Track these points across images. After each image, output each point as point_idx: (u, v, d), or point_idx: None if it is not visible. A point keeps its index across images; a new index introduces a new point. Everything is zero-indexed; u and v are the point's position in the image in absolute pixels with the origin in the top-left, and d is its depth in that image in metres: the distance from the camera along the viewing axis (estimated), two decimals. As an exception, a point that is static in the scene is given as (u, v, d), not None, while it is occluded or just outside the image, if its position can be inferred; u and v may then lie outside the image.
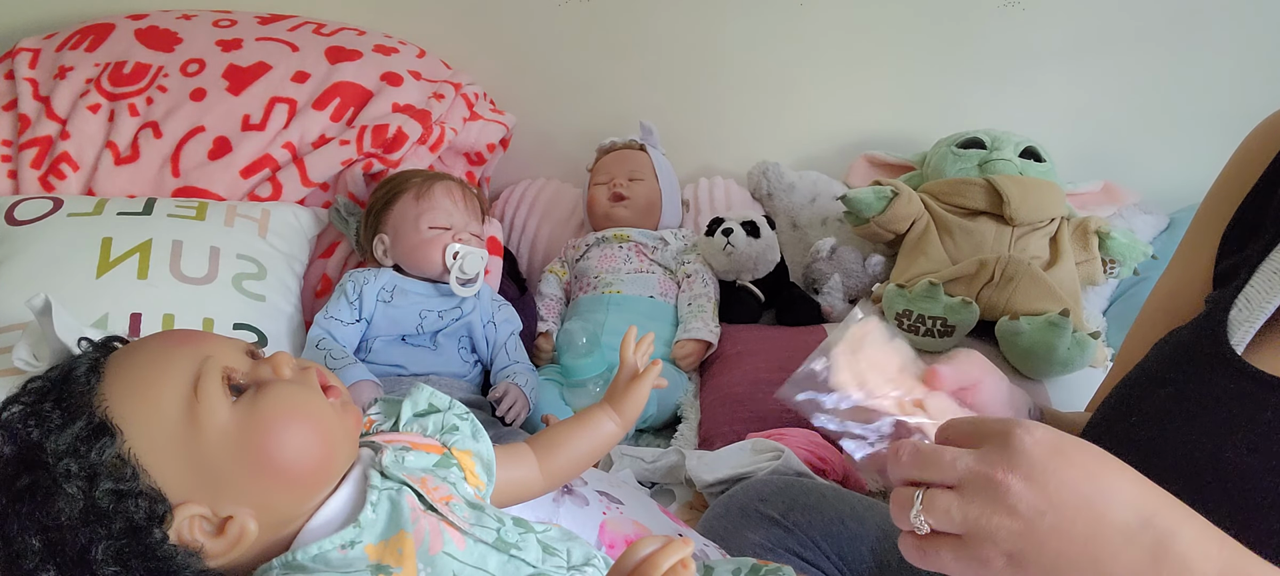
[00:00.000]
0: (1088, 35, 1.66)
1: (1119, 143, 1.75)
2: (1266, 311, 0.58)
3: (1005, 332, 1.33)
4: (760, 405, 1.27)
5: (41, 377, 0.55)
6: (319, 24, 1.59)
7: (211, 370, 0.55)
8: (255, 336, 1.23)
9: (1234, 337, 0.58)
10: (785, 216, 1.72)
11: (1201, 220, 0.72)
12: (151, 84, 1.44)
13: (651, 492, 1.14)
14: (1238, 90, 1.65)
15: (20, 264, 1.18)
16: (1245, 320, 0.58)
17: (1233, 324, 0.58)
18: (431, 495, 0.60)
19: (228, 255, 1.27)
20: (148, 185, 1.38)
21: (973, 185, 1.50)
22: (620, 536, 0.86)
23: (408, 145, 1.45)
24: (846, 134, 1.80)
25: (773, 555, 0.84)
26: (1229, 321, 0.59)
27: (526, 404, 1.28)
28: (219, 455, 0.54)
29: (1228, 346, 0.58)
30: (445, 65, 1.65)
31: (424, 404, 0.70)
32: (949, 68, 1.72)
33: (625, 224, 1.61)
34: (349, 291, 1.27)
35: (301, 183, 1.41)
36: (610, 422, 0.81)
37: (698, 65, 1.75)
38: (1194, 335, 0.62)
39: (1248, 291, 0.59)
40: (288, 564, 0.55)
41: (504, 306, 1.39)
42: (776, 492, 0.90)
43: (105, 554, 0.51)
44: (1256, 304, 0.58)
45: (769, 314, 1.57)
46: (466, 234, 1.32)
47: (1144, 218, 1.67)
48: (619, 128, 1.71)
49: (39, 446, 0.51)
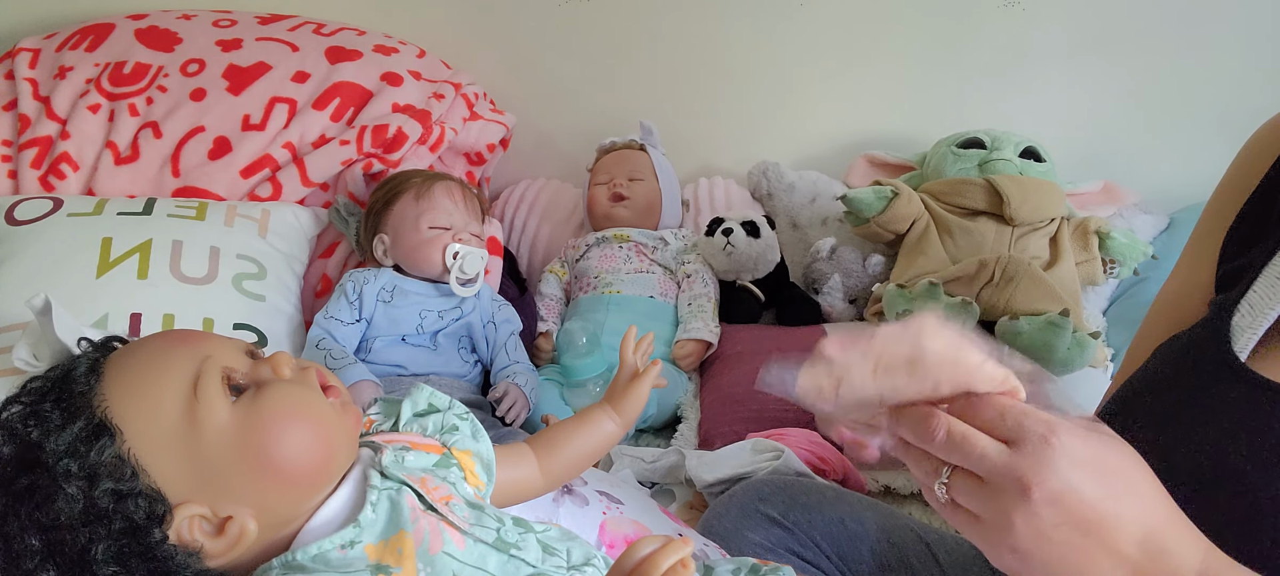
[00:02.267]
0: (1088, 35, 1.66)
1: (1119, 143, 1.75)
2: (1270, 317, 0.57)
3: (1005, 333, 1.33)
4: (760, 405, 1.27)
5: (41, 377, 0.55)
6: (319, 24, 1.59)
7: (211, 370, 0.55)
8: (255, 336, 1.23)
9: (1237, 344, 0.58)
10: (785, 216, 1.72)
11: (1204, 224, 0.72)
12: (151, 84, 1.44)
13: (651, 492, 1.14)
14: (1238, 90, 1.65)
15: (20, 264, 1.18)
16: (1249, 326, 0.58)
17: (1236, 330, 0.58)
18: (431, 495, 0.60)
19: (228, 255, 1.27)
20: (148, 185, 1.38)
21: (973, 185, 1.50)
22: (620, 536, 0.86)
23: (408, 145, 1.45)
24: (846, 134, 1.80)
25: (773, 555, 0.84)
26: (1232, 327, 0.58)
27: (526, 404, 1.28)
28: (219, 455, 0.54)
29: (1231, 352, 0.57)
30: (445, 65, 1.65)
31: (424, 404, 0.70)
32: (949, 68, 1.72)
33: (625, 224, 1.61)
34: (349, 291, 1.27)
35: (301, 183, 1.41)
36: (610, 422, 0.81)
37: (698, 65, 1.75)
38: (1196, 341, 0.62)
39: (1250, 297, 0.59)
40: (287, 564, 0.55)
41: (504, 306, 1.39)
42: (776, 492, 0.90)
43: (105, 554, 0.51)
44: (1260, 309, 0.58)
45: (769, 314, 1.57)
46: (466, 234, 1.32)
47: (1144, 218, 1.67)
48: (619, 128, 1.71)
49: (39, 446, 0.51)
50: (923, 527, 0.89)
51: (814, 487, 0.91)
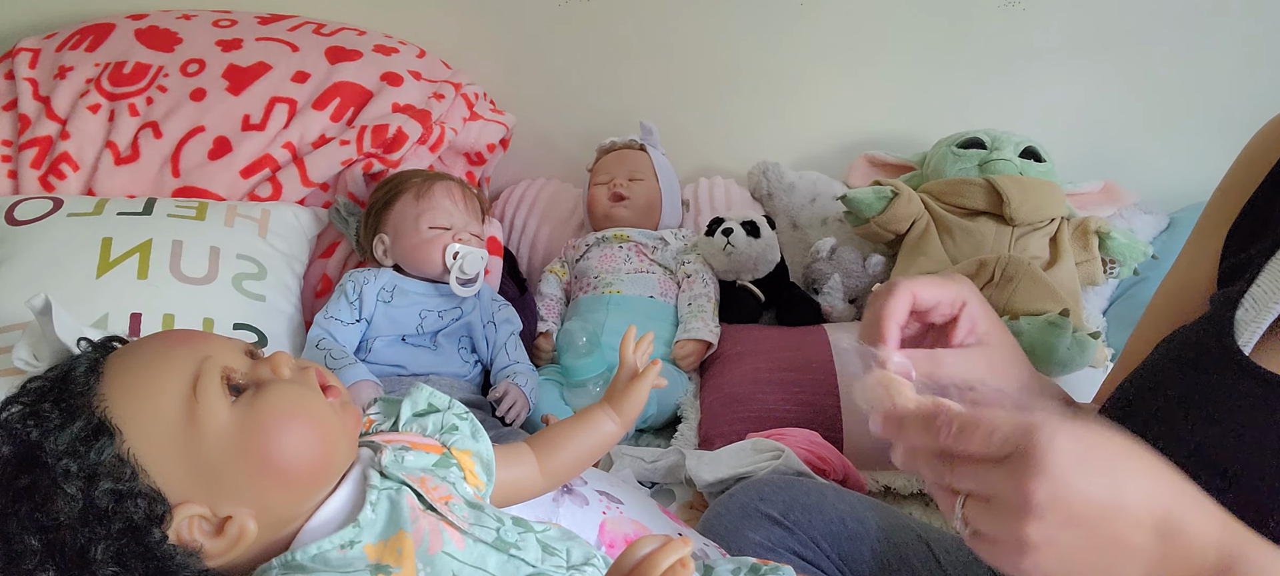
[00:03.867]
0: (1088, 35, 1.66)
1: (1119, 143, 1.75)
2: (1273, 311, 0.57)
3: (1005, 332, 1.33)
4: (760, 405, 1.27)
5: (41, 377, 0.56)
6: (319, 24, 1.59)
7: (211, 370, 0.55)
8: (255, 336, 1.23)
9: (1241, 338, 0.58)
10: (785, 216, 1.72)
11: (1206, 220, 0.72)
12: (151, 84, 1.44)
13: (651, 492, 1.14)
14: (1238, 90, 1.65)
15: (20, 264, 1.18)
16: (1252, 320, 0.58)
17: (1239, 324, 0.58)
18: (431, 495, 0.60)
19: (228, 255, 1.27)
20: (148, 185, 1.38)
21: (973, 185, 1.50)
22: (620, 536, 0.86)
23: (408, 145, 1.45)
24: (846, 134, 1.80)
25: (773, 555, 0.84)
26: (1235, 321, 0.58)
27: (526, 404, 1.28)
28: (218, 455, 0.54)
29: (1234, 346, 0.57)
30: (445, 65, 1.65)
31: (423, 403, 0.70)
32: (949, 68, 1.72)
33: (625, 224, 1.61)
34: (349, 291, 1.27)
35: (301, 183, 1.41)
36: (610, 422, 0.81)
37: (698, 65, 1.75)
38: (1199, 335, 0.62)
39: (1254, 291, 0.59)
40: (287, 564, 0.55)
41: (504, 306, 1.39)
42: (777, 492, 0.90)
43: (105, 554, 0.51)
44: (1263, 303, 0.58)
45: (769, 314, 1.57)
46: (466, 234, 1.32)
47: (1144, 218, 1.67)
48: (619, 128, 1.71)
49: (38, 446, 0.51)
50: (923, 527, 0.89)
51: (814, 487, 0.91)
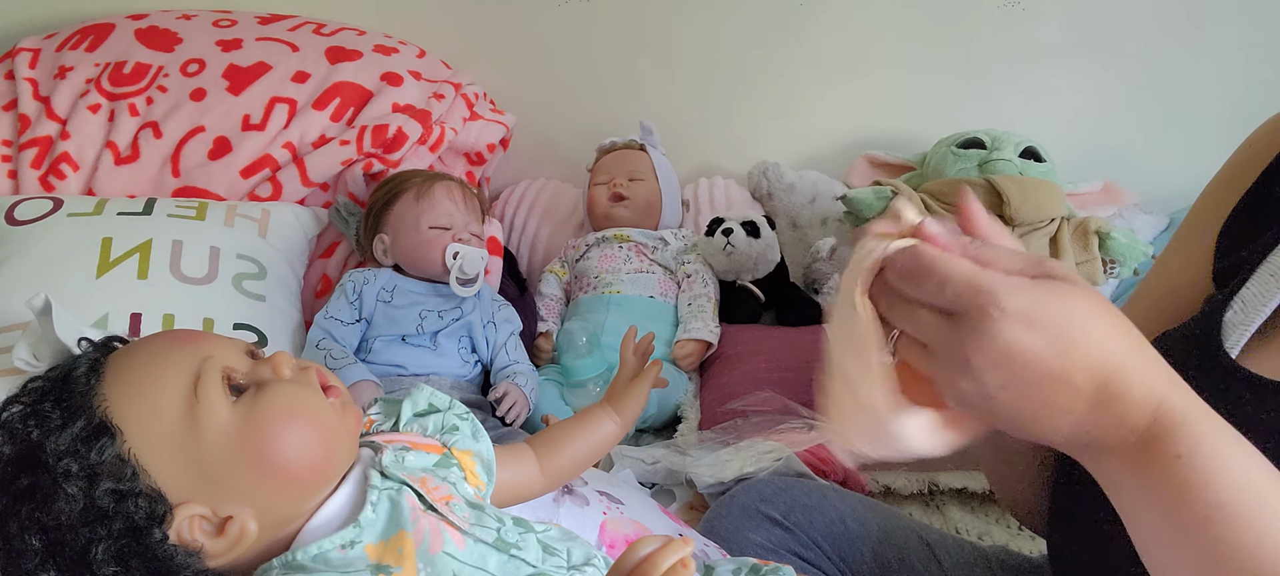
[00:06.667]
0: (1088, 35, 1.66)
1: (1119, 143, 1.75)
2: (1262, 315, 0.57)
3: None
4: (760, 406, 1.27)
5: (41, 377, 0.55)
6: (319, 24, 1.59)
7: (211, 370, 0.55)
8: (255, 336, 1.23)
9: (1228, 341, 0.57)
10: (785, 216, 1.72)
11: (1196, 217, 0.71)
12: (151, 84, 1.44)
13: (652, 493, 1.14)
14: (1238, 90, 1.65)
15: (20, 264, 1.18)
16: (1240, 322, 0.57)
17: (1227, 327, 0.58)
18: (431, 495, 0.60)
19: (228, 255, 1.27)
20: (148, 185, 1.38)
21: (973, 185, 1.49)
22: (620, 536, 0.86)
23: (408, 145, 1.45)
24: (846, 134, 1.80)
25: (773, 555, 0.84)
26: (1224, 324, 0.58)
27: (526, 404, 1.28)
28: (219, 455, 0.54)
29: (1222, 350, 0.57)
30: (445, 65, 1.65)
31: (424, 404, 0.70)
32: (949, 68, 1.72)
33: (625, 224, 1.61)
34: (349, 291, 1.27)
35: (301, 183, 1.41)
36: (610, 422, 0.81)
37: (698, 65, 1.75)
38: (1187, 337, 0.61)
39: (1244, 294, 0.59)
40: (288, 564, 0.55)
41: (504, 306, 1.39)
42: (777, 493, 0.90)
43: (105, 554, 0.51)
44: (1252, 307, 0.57)
45: (769, 314, 1.57)
46: (466, 234, 1.32)
47: (1144, 218, 1.67)
48: (619, 128, 1.71)
49: (39, 446, 0.51)
50: (923, 528, 0.89)
51: (815, 488, 0.91)
